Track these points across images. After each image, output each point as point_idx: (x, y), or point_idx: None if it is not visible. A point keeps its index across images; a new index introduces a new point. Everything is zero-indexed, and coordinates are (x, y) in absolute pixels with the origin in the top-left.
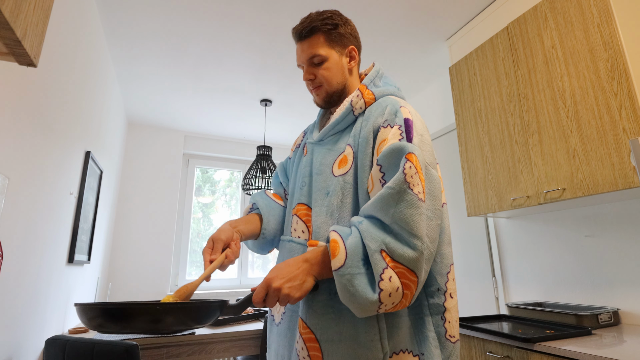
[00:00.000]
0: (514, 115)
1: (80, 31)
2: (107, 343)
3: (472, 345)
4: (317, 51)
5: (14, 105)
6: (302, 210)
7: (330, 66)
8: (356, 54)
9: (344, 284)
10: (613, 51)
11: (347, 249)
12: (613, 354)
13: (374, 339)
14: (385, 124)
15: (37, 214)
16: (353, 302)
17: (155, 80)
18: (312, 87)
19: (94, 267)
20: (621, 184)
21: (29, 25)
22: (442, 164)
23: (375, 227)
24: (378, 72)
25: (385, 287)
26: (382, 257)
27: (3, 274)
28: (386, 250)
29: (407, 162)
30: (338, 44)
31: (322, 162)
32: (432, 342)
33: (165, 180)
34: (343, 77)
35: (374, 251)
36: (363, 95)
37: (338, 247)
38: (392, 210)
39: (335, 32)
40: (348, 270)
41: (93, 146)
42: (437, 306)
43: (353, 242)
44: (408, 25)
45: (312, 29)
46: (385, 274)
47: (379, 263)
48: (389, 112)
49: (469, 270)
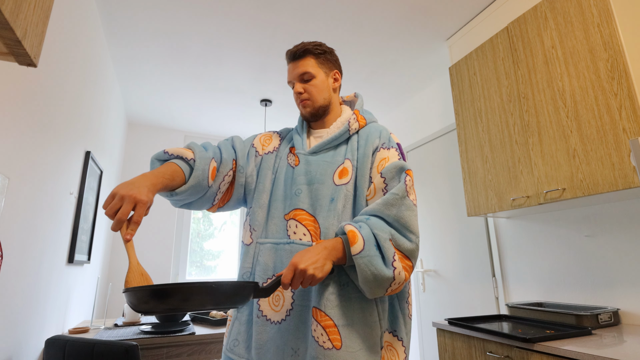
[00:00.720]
0: (514, 115)
1: (80, 31)
2: (107, 343)
3: (472, 345)
4: (308, 69)
5: (14, 105)
6: (302, 215)
7: (317, 83)
8: (339, 77)
9: (366, 264)
10: (613, 51)
11: (363, 237)
12: (613, 354)
13: (375, 320)
14: (384, 146)
15: (37, 214)
16: (373, 279)
17: (155, 80)
18: (301, 100)
19: (94, 267)
20: (621, 184)
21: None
22: (442, 164)
23: (381, 222)
24: (362, 101)
25: (397, 266)
26: (391, 245)
27: (3, 274)
28: (392, 240)
29: (407, 177)
30: (325, 66)
31: (322, 172)
32: (401, 321)
33: None
34: (328, 95)
35: (385, 239)
36: (358, 119)
37: (356, 236)
38: (395, 210)
39: (324, 57)
40: (367, 253)
41: (93, 146)
42: (404, 293)
43: (366, 232)
44: (408, 25)
45: (305, 51)
46: (395, 258)
47: (390, 249)
48: (384, 137)
49: (469, 270)
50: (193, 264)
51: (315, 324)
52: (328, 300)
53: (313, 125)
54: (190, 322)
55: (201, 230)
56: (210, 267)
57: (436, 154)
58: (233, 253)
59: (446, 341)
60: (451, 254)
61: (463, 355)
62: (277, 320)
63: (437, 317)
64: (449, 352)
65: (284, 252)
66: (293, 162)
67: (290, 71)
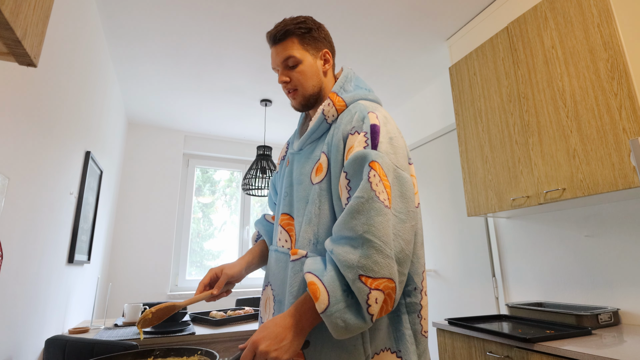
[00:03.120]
0: (514, 115)
1: (80, 31)
2: (107, 343)
3: (472, 345)
4: (291, 53)
5: (14, 105)
6: (285, 220)
7: (304, 69)
8: (330, 57)
9: (335, 322)
10: (613, 51)
11: (326, 287)
12: (613, 354)
13: (356, 343)
14: (353, 130)
15: (37, 214)
16: (347, 334)
17: (155, 80)
18: (288, 90)
19: (94, 267)
20: (621, 184)
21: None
22: (442, 164)
23: (346, 251)
24: (347, 76)
25: (374, 310)
26: (362, 283)
27: (3, 274)
28: (364, 274)
29: (372, 171)
30: (312, 47)
31: (301, 171)
32: (409, 339)
33: (165, 180)
34: (318, 80)
35: (353, 280)
36: (334, 103)
37: (318, 289)
38: (364, 219)
39: (309, 35)
40: (335, 308)
41: (93, 146)
42: (414, 305)
43: (330, 278)
44: (408, 25)
45: (286, 32)
46: (370, 299)
47: (362, 290)
48: (356, 119)
49: (469, 270)
50: (193, 264)
51: None
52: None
53: (311, 115)
54: (190, 322)
55: (201, 230)
56: (210, 267)
57: (436, 154)
58: (233, 253)
59: (446, 341)
60: (451, 254)
61: (463, 355)
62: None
63: (437, 317)
64: (449, 352)
65: (272, 260)
66: (286, 164)
67: (273, 56)
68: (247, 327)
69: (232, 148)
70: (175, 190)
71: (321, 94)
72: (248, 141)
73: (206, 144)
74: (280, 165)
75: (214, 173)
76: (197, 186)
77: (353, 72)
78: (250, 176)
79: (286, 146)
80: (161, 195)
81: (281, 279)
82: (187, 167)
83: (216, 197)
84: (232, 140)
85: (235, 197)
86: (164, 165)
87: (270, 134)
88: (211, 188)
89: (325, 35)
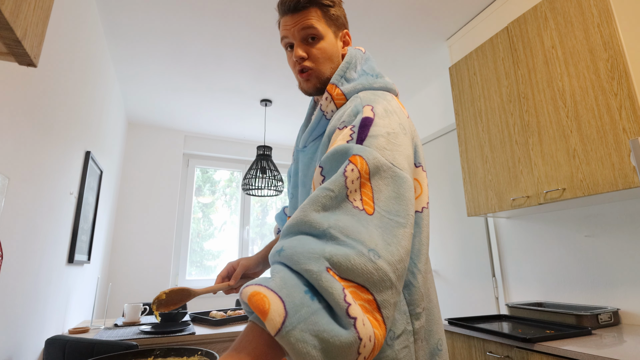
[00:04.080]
0: (514, 115)
1: (80, 31)
2: (107, 343)
3: (472, 345)
4: (315, 25)
5: (14, 105)
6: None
7: (325, 46)
8: (348, 39)
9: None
10: (613, 51)
11: (277, 292)
12: (613, 354)
13: None
14: (342, 125)
15: (37, 214)
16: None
17: (155, 80)
18: (301, 68)
19: (94, 267)
20: (621, 184)
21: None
22: (442, 164)
23: (301, 242)
24: (350, 62)
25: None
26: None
27: (3, 274)
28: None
29: (350, 165)
30: (334, 24)
31: (305, 173)
32: None
33: (165, 180)
34: (337, 63)
35: (319, 272)
36: (332, 97)
37: (265, 299)
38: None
39: (333, 10)
40: (297, 318)
41: (93, 146)
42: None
43: (281, 279)
44: (408, 25)
45: (310, 1)
46: (348, 296)
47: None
48: (348, 114)
49: (469, 270)
50: (193, 264)
51: None
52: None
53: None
54: (190, 322)
55: (201, 230)
56: (210, 267)
57: (436, 154)
58: (233, 253)
59: (446, 341)
60: (451, 254)
61: (463, 355)
62: None
63: None
64: (449, 352)
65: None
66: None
67: (289, 25)
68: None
69: (232, 148)
70: (175, 190)
71: None
72: (248, 141)
73: (206, 144)
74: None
75: (214, 173)
76: (197, 186)
77: (359, 54)
78: (250, 176)
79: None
80: (161, 195)
81: None
82: (187, 167)
83: (216, 197)
84: (232, 140)
85: (235, 197)
86: (164, 165)
87: (270, 134)
88: (211, 188)
89: (345, 14)
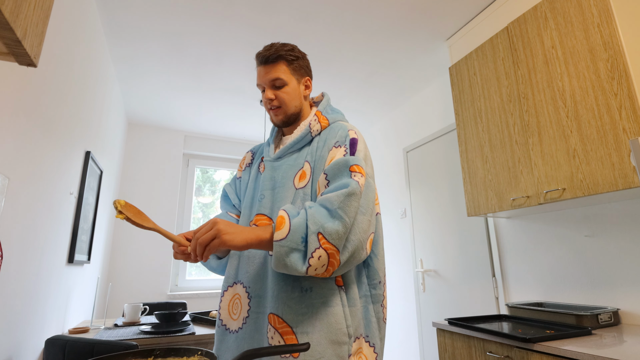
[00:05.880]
0: (514, 115)
1: (80, 31)
2: (107, 343)
3: (472, 345)
4: (280, 75)
5: (14, 105)
6: (262, 220)
7: (289, 90)
8: (310, 85)
9: (281, 254)
10: (613, 51)
11: (291, 226)
12: (613, 354)
13: (342, 326)
14: (337, 144)
15: (37, 214)
16: (284, 270)
17: (156, 80)
18: (271, 107)
19: (94, 267)
20: (621, 184)
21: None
22: (442, 164)
23: (321, 213)
24: (328, 101)
25: (314, 263)
26: (317, 239)
27: (3, 274)
28: (322, 232)
29: (353, 172)
30: (297, 73)
31: (283, 175)
32: (374, 325)
33: (165, 180)
34: (299, 102)
35: (312, 232)
36: (319, 120)
37: (284, 223)
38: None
39: (297, 63)
40: (287, 244)
41: (93, 146)
42: (379, 296)
43: (297, 222)
44: (408, 25)
45: (278, 57)
46: (316, 253)
47: (313, 243)
48: (340, 135)
49: (469, 270)
50: (193, 264)
51: (273, 331)
52: (287, 306)
53: (285, 132)
54: (190, 322)
55: None
56: None
57: (436, 154)
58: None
59: (446, 341)
60: (451, 254)
61: (463, 355)
62: (234, 329)
63: (437, 317)
64: (449, 352)
65: (243, 259)
66: (261, 169)
67: (261, 75)
68: None
69: (232, 148)
70: (175, 190)
71: (300, 115)
72: (248, 141)
73: (206, 144)
74: (246, 172)
75: (214, 173)
76: (197, 186)
77: (329, 97)
78: None
79: (251, 156)
80: (161, 196)
81: (256, 274)
82: (187, 167)
83: (216, 197)
84: (232, 140)
85: None
86: (164, 165)
87: None
88: (211, 188)
89: (308, 64)
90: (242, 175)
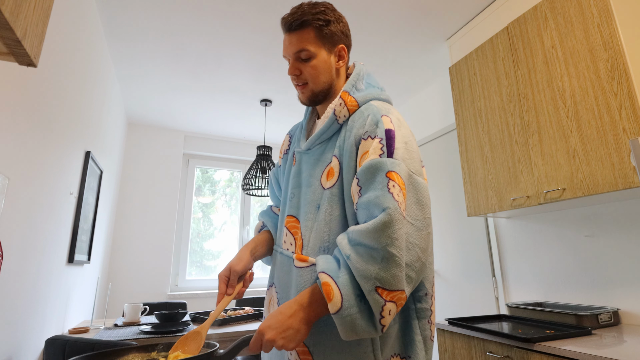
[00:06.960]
0: (514, 115)
1: (79, 31)
2: (107, 343)
3: (472, 345)
4: (306, 46)
5: (14, 105)
6: (291, 223)
7: (317, 64)
8: (345, 54)
9: (346, 325)
10: (613, 51)
11: (340, 290)
12: (613, 354)
13: (366, 351)
14: (366, 135)
15: (37, 214)
16: (355, 337)
17: (155, 80)
18: (297, 83)
19: (94, 267)
20: (621, 184)
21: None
22: (442, 164)
23: (364, 259)
24: (359, 74)
25: (387, 321)
26: (378, 295)
27: (3, 274)
28: (380, 286)
29: (390, 182)
30: (328, 41)
31: (310, 173)
32: (419, 345)
33: (165, 180)
34: (330, 77)
35: (369, 291)
36: (346, 103)
37: (332, 290)
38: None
39: (327, 29)
40: (347, 312)
41: (93, 146)
42: (425, 310)
43: (345, 281)
44: (408, 25)
45: (303, 23)
46: (384, 310)
47: (377, 301)
48: (369, 123)
49: (469, 270)
50: (193, 264)
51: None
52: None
53: (319, 111)
54: (190, 322)
55: (201, 230)
56: (210, 267)
57: (436, 154)
58: (233, 253)
59: (446, 341)
60: (451, 254)
61: (463, 355)
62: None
63: (437, 317)
64: (449, 352)
65: (277, 262)
66: (292, 162)
67: (286, 45)
68: (247, 327)
69: (232, 148)
70: (175, 190)
71: (331, 91)
72: (248, 141)
73: (206, 144)
74: (284, 160)
75: (214, 173)
76: (197, 186)
77: (364, 69)
78: (250, 176)
79: (289, 139)
80: (161, 195)
81: (285, 282)
82: (187, 167)
83: (216, 197)
84: (232, 140)
85: (235, 197)
86: (164, 165)
87: (270, 134)
88: (211, 188)
89: (344, 28)
90: (282, 163)
